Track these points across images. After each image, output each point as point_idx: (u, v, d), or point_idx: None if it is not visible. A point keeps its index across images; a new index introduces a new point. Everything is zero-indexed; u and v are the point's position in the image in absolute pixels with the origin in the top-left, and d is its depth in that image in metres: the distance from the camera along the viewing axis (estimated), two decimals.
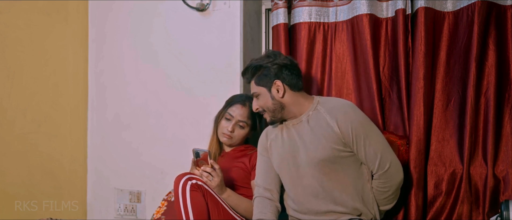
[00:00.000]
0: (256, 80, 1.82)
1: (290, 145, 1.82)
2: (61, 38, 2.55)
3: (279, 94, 1.79)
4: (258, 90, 1.82)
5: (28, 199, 2.36)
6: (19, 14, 2.33)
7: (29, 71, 2.38)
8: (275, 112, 1.81)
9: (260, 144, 1.95)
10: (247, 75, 1.86)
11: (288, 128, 1.85)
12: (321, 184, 1.75)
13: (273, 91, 1.79)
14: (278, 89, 1.79)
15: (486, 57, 1.97)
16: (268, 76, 1.79)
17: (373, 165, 1.75)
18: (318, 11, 2.20)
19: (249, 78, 1.86)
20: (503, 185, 1.92)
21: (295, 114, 1.82)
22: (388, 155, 1.75)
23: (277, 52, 1.87)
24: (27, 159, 2.38)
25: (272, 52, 1.86)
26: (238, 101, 2.04)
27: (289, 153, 1.81)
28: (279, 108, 1.80)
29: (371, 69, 2.05)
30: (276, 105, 1.80)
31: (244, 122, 2.00)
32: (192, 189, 1.73)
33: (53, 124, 2.51)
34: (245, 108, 2.01)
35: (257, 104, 1.85)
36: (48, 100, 2.49)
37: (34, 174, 2.42)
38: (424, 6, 1.99)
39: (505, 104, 1.96)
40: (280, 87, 1.79)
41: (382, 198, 1.80)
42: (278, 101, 1.80)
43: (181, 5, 2.32)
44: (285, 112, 1.82)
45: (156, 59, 2.47)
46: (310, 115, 1.79)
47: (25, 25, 2.37)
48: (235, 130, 2.00)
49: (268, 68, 1.80)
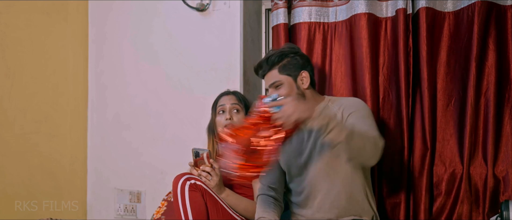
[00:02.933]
0: (280, 68, 1.78)
1: (297, 139, 1.81)
2: (61, 38, 2.55)
3: (304, 85, 1.78)
4: (282, 79, 1.77)
5: (28, 199, 2.36)
6: (19, 14, 2.33)
7: (29, 71, 2.38)
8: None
9: None
10: (267, 64, 1.79)
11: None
12: (325, 180, 1.75)
13: (299, 81, 1.78)
14: (304, 80, 1.78)
15: (486, 57, 1.97)
16: (295, 66, 1.77)
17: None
18: (318, 11, 2.20)
19: (269, 68, 1.80)
20: (503, 185, 1.92)
21: None
22: (375, 130, 1.61)
23: (297, 46, 1.86)
24: (27, 159, 2.38)
25: (293, 46, 1.85)
26: (223, 94, 2.07)
27: (297, 149, 1.81)
28: (301, 100, 1.76)
29: (369, 69, 2.05)
30: (300, 96, 1.77)
31: (237, 104, 2.00)
32: (191, 189, 1.73)
33: (53, 124, 2.51)
34: (231, 95, 2.04)
35: (277, 94, 1.80)
36: (48, 100, 2.49)
37: (34, 174, 2.42)
38: (425, 6, 1.99)
39: (505, 104, 1.96)
40: (306, 78, 1.77)
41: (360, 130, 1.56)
42: (302, 92, 1.78)
43: (181, 5, 2.32)
44: None
45: (156, 59, 2.47)
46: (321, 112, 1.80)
47: (25, 25, 2.37)
48: (233, 116, 1.99)
49: (295, 57, 1.78)
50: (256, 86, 2.45)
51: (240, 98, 2.03)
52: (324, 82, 2.21)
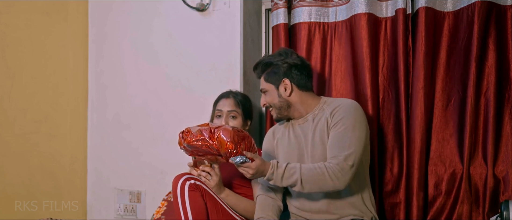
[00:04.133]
0: (265, 76, 1.86)
1: (297, 144, 1.83)
2: (61, 38, 2.55)
3: (286, 93, 1.81)
4: (266, 86, 1.86)
5: (28, 199, 2.36)
6: (19, 14, 2.33)
7: (29, 71, 2.38)
8: (281, 109, 1.84)
9: (267, 142, 1.96)
10: (258, 70, 1.89)
11: (294, 127, 1.87)
12: None
13: (281, 89, 1.82)
14: (286, 88, 1.82)
15: (486, 57, 1.96)
16: (277, 74, 1.82)
17: (333, 150, 1.67)
18: (318, 11, 2.20)
19: (259, 74, 1.89)
20: (503, 185, 1.92)
21: (302, 113, 1.84)
22: (355, 155, 1.65)
23: (290, 50, 1.89)
24: (27, 159, 2.38)
25: (285, 51, 1.88)
26: (222, 96, 2.08)
27: (295, 152, 1.82)
28: (286, 106, 1.83)
29: (369, 69, 2.05)
30: (283, 103, 1.83)
31: (234, 110, 2.02)
32: (191, 189, 1.73)
33: (53, 124, 2.51)
34: (230, 99, 2.04)
35: (264, 100, 1.88)
36: (48, 100, 2.49)
37: (34, 174, 2.42)
38: (425, 6, 1.99)
39: (505, 104, 1.96)
40: (287, 86, 1.81)
41: (309, 175, 1.63)
42: (285, 99, 1.82)
43: (181, 5, 2.32)
44: (291, 110, 1.85)
45: (156, 59, 2.47)
46: (316, 114, 1.81)
47: (25, 25, 2.37)
48: (229, 122, 2.01)
49: (278, 66, 1.82)
50: (256, 86, 2.45)
51: (238, 101, 2.03)
52: (324, 83, 2.21)
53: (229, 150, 1.60)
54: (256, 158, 1.61)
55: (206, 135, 1.65)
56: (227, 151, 1.60)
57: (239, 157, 1.59)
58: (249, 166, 1.60)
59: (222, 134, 1.61)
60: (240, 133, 1.64)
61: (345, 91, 2.13)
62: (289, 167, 1.64)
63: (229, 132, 1.61)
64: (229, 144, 1.59)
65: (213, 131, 1.64)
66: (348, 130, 1.68)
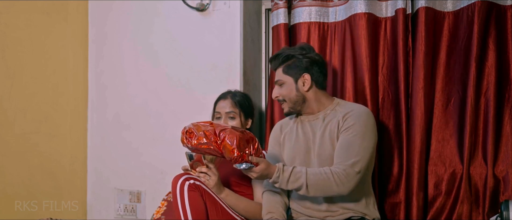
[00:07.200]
0: (284, 68, 1.83)
1: (304, 140, 1.82)
2: (61, 38, 2.55)
3: (305, 87, 1.80)
4: (284, 78, 1.82)
5: (28, 199, 2.36)
6: (19, 14, 2.33)
7: (29, 71, 2.38)
8: (296, 103, 1.83)
9: (273, 137, 1.95)
10: (276, 62, 1.86)
11: (304, 123, 1.86)
12: None
13: (299, 83, 1.81)
14: (305, 82, 1.80)
15: (486, 57, 1.96)
16: (298, 68, 1.80)
17: (341, 155, 1.68)
18: (318, 11, 2.20)
19: (277, 65, 1.86)
20: (503, 185, 1.92)
21: (313, 110, 1.84)
22: (361, 163, 1.66)
23: (310, 46, 1.88)
24: (27, 159, 2.38)
25: (307, 46, 1.87)
26: (220, 97, 2.08)
27: (302, 147, 1.82)
28: (301, 101, 1.82)
29: (369, 69, 2.05)
30: (299, 97, 1.81)
31: (232, 111, 2.02)
32: (190, 189, 1.73)
33: (53, 124, 2.51)
34: (227, 100, 2.04)
35: (278, 93, 1.84)
36: (48, 100, 2.49)
37: (34, 174, 2.42)
38: (424, 6, 1.99)
39: (505, 104, 1.96)
40: (307, 81, 1.80)
41: (314, 179, 1.64)
42: (302, 94, 1.81)
43: (181, 5, 2.32)
44: (305, 106, 1.83)
45: (156, 59, 2.47)
46: (327, 114, 1.81)
47: (25, 25, 2.37)
48: (228, 123, 2.01)
49: (300, 60, 1.81)
50: (256, 86, 2.45)
51: (236, 102, 2.03)
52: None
53: (234, 156, 1.59)
54: (261, 162, 1.61)
55: (211, 139, 1.63)
56: (233, 156, 1.59)
57: (244, 163, 1.59)
58: (254, 170, 1.61)
59: (227, 139, 1.59)
60: (245, 136, 1.62)
61: (345, 91, 2.13)
62: (295, 171, 1.65)
63: (234, 136, 1.59)
64: (235, 150, 1.58)
65: (218, 134, 1.62)
66: (357, 137, 1.68)
